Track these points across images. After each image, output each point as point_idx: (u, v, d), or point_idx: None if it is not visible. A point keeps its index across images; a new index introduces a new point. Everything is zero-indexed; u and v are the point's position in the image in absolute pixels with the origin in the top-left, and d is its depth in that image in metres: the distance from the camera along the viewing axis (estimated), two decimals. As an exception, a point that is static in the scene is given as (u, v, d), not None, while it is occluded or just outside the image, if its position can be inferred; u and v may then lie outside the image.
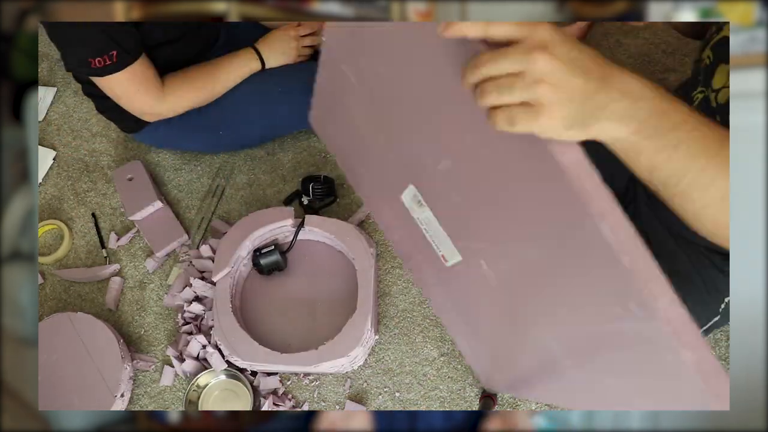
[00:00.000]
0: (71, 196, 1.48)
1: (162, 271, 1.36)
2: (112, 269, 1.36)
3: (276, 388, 1.19)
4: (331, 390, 1.20)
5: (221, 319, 1.14)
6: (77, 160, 1.53)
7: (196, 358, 1.22)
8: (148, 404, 1.23)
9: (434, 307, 1.08)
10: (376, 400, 1.18)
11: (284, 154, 1.46)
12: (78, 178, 1.50)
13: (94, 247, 1.40)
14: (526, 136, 0.50)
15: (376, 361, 1.21)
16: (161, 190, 1.45)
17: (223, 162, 1.47)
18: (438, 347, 1.21)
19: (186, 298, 1.26)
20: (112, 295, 1.33)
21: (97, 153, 1.53)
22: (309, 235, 1.28)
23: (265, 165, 1.45)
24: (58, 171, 1.52)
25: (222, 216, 1.41)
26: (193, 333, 1.24)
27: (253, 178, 1.44)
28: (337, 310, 1.21)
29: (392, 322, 1.24)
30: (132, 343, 1.29)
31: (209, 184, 1.44)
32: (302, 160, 1.45)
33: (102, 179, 1.49)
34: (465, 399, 1.16)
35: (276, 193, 1.42)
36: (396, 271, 1.29)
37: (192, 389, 1.18)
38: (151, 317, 1.31)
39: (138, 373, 1.25)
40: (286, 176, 1.43)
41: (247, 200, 1.42)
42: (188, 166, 1.48)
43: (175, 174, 1.47)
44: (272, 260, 1.23)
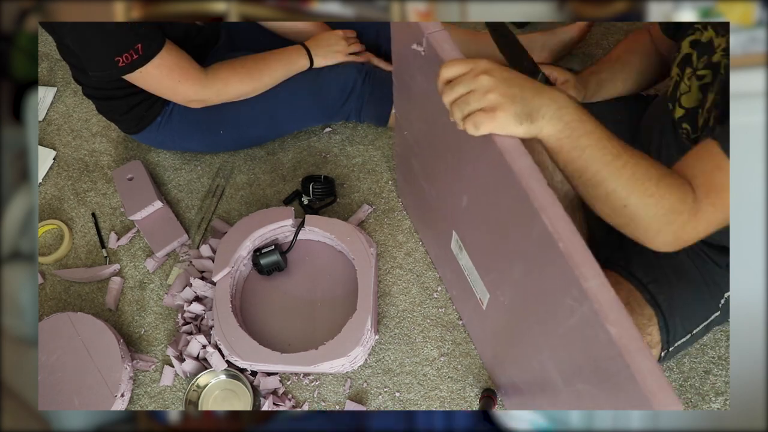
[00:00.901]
0: (71, 196, 1.48)
1: (162, 271, 1.36)
2: (112, 269, 1.36)
3: (276, 388, 1.19)
4: (331, 390, 1.20)
5: (221, 319, 1.14)
6: (77, 160, 1.53)
7: (196, 358, 1.22)
8: (148, 404, 1.23)
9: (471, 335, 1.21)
10: (376, 400, 1.18)
11: (284, 154, 1.46)
12: (78, 178, 1.50)
13: (94, 247, 1.40)
14: (492, 155, 0.64)
15: (376, 361, 1.21)
16: (161, 190, 1.45)
17: (223, 162, 1.47)
18: (438, 347, 1.21)
19: (186, 298, 1.26)
20: (112, 295, 1.33)
21: (97, 153, 1.53)
22: (309, 235, 1.28)
23: (265, 165, 1.45)
24: (58, 171, 1.52)
25: (222, 216, 1.41)
26: (193, 333, 1.24)
27: (253, 178, 1.44)
28: (337, 310, 1.21)
29: (392, 322, 1.24)
30: (132, 343, 1.29)
31: (209, 184, 1.44)
32: (302, 160, 1.45)
33: (102, 179, 1.49)
34: (465, 399, 1.16)
35: (276, 193, 1.42)
36: (396, 271, 1.29)
37: (192, 389, 1.18)
38: (151, 317, 1.31)
39: (138, 373, 1.25)
40: (286, 176, 1.43)
41: (247, 200, 1.42)
42: (188, 166, 1.48)
43: (175, 174, 1.47)
44: (272, 260, 1.23)
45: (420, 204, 1.20)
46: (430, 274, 1.28)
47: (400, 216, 1.35)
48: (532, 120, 0.63)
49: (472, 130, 0.64)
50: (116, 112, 1.31)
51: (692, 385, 1.11)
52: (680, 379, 1.12)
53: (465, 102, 0.64)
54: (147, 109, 1.29)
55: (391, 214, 1.36)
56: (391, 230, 1.34)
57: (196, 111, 1.29)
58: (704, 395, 1.10)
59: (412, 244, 1.32)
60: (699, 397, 1.10)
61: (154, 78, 1.09)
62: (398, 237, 1.33)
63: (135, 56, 1.01)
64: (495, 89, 0.63)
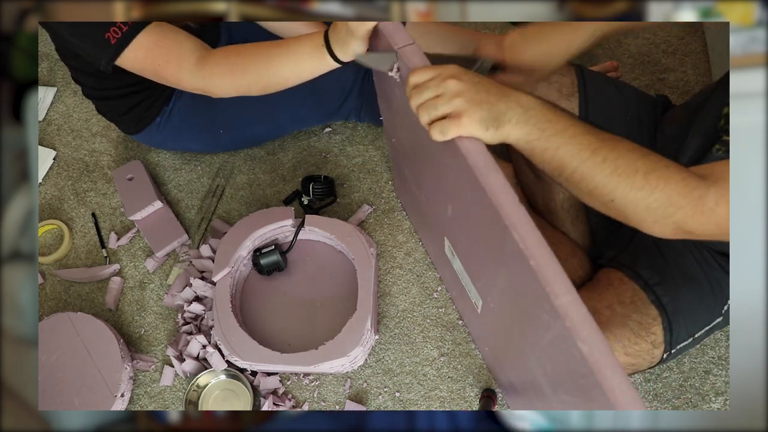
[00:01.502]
0: (71, 196, 1.48)
1: (162, 271, 1.36)
2: (112, 269, 1.36)
3: (276, 388, 1.19)
4: (331, 390, 1.20)
5: (221, 319, 1.14)
6: (77, 160, 1.53)
7: (196, 358, 1.22)
8: (148, 404, 1.23)
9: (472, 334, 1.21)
10: (376, 400, 1.18)
11: (284, 154, 1.46)
12: (78, 178, 1.50)
13: (94, 247, 1.41)
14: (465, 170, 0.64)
15: (376, 361, 1.21)
16: (161, 190, 1.45)
17: (223, 162, 1.47)
18: (438, 347, 1.21)
19: (186, 298, 1.26)
20: (112, 295, 1.33)
21: (97, 153, 1.53)
22: (309, 235, 1.28)
23: (265, 165, 1.45)
24: (58, 171, 1.52)
25: (222, 216, 1.41)
26: (193, 333, 1.24)
27: (253, 178, 1.44)
28: (337, 310, 1.21)
29: (392, 322, 1.24)
30: (132, 343, 1.29)
31: (209, 184, 1.44)
32: (302, 160, 1.45)
33: (102, 179, 1.49)
34: (465, 399, 1.16)
35: (276, 193, 1.42)
36: (396, 271, 1.29)
37: (192, 389, 1.18)
38: (151, 317, 1.31)
39: (138, 373, 1.25)
40: (286, 176, 1.43)
41: (247, 200, 1.42)
42: (188, 166, 1.48)
43: (175, 174, 1.47)
44: (272, 260, 1.23)
45: (415, 206, 1.20)
46: (430, 274, 1.28)
47: (400, 216, 1.35)
48: (499, 125, 0.63)
49: (438, 136, 0.64)
50: (116, 112, 1.31)
51: (692, 385, 1.11)
52: (680, 379, 1.12)
53: (432, 106, 0.64)
54: (146, 109, 1.29)
55: (391, 214, 1.36)
56: (391, 230, 1.34)
57: (196, 111, 1.29)
58: (704, 395, 1.10)
59: (412, 244, 1.32)
60: (699, 397, 1.10)
61: (144, 58, 0.98)
62: (398, 237, 1.33)
63: (124, 28, 0.94)
64: (462, 94, 0.62)
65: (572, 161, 0.63)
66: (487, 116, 0.62)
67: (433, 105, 0.64)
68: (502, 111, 0.63)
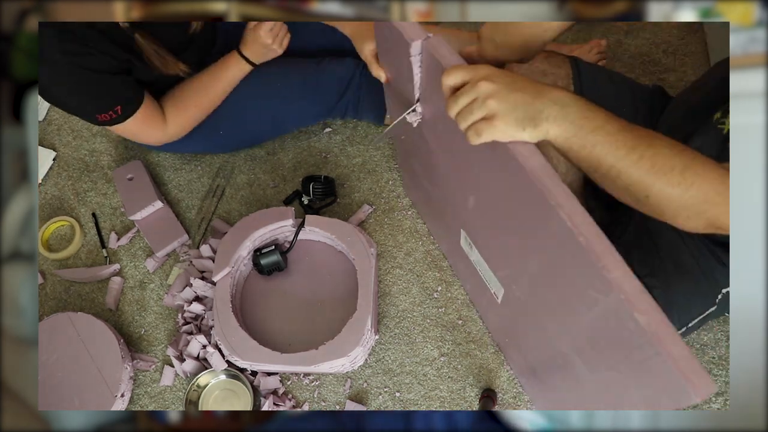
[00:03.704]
0: (71, 196, 1.48)
1: (162, 271, 1.36)
2: (112, 269, 1.36)
3: (276, 388, 1.19)
4: (331, 390, 1.20)
5: (221, 319, 1.14)
6: (77, 160, 1.53)
7: (196, 358, 1.22)
8: (148, 404, 1.23)
9: (490, 329, 1.22)
10: (376, 400, 1.18)
11: (284, 154, 1.46)
12: (78, 177, 1.50)
13: (95, 247, 1.41)
14: (501, 156, 0.65)
15: (376, 361, 1.21)
16: (161, 190, 1.45)
17: (223, 162, 1.47)
18: (438, 347, 1.21)
19: (186, 298, 1.26)
20: (112, 295, 1.33)
21: (97, 153, 1.53)
22: (309, 235, 1.28)
23: (265, 165, 1.45)
24: (59, 171, 1.52)
25: (222, 216, 1.41)
26: (193, 333, 1.24)
27: (253, 178, 1.44)
28: (337, 310, 1.21)
29: (392, 322, 1.24)
30: (132, 343, 1.29)
31: (209, 184, 1.44)
32: (302, 160, 1.45)
33: (102, 179, 1.49)
34: (465, 399, 1.16)
35: (276, 193, 1.42)
36: (396, 271, 1.29)
37: (192, 389, 1.18)
38: (151, 317, 1.31)
39: (138, 373, 1.25)
40: (286, 176, 1.43)
41: (247, 200, 1.42)
42: (188, 166, 1.48)
43: (175, 174, 1.47)
44: (272, 260, 1.23)
45: (426, 201, 1.20)
46: (430, 274, 1.28)
47: (400, 216, 1.35)
48: (536, 124, 0.63)
49: (474, 140, 0.65)
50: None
51: (692, 385, 1.11)
52: (680, 379, 1.12)
53: (469, 112, 0.64)
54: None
55: (391, 214, 1.36)
56: (391, 230, 1.34)
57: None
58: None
59: (412, 244, 1.32)
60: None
61: (128, 131, 1.19)
62: (398, 237, 1.33)
63: (114, 116, 1.12)
64: (495, 95, 0.63)
65: (609, 158, 0.63)
66: (523, 116, 0.62)
67: (469, 110, 0.64)
68: (539, 109, 0.63)
